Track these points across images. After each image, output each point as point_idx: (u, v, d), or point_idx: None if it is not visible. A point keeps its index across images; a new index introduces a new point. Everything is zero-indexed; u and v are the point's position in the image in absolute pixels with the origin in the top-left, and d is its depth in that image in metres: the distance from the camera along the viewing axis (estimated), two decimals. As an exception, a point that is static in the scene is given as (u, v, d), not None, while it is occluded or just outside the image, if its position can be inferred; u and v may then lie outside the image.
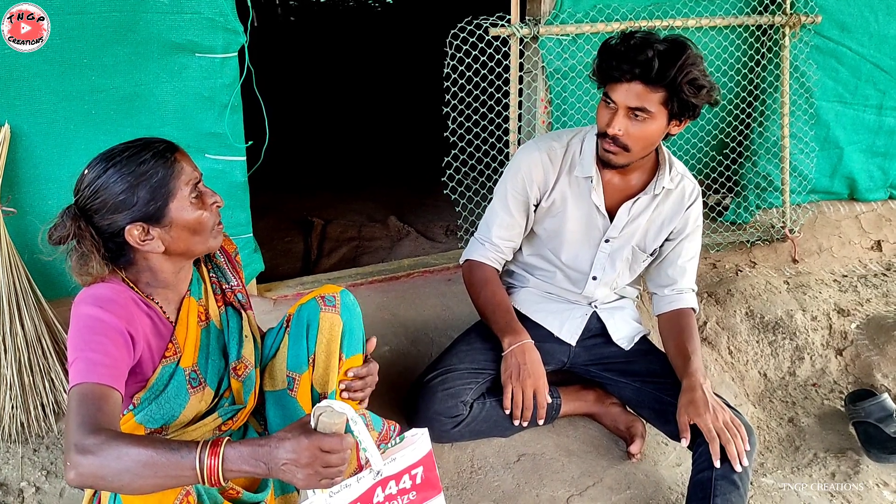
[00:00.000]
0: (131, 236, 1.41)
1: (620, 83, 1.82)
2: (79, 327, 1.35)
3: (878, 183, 3.38)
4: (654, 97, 1.80)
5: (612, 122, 1.85)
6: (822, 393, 2.49)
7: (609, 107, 1.87)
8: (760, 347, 2.62)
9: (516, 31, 2.55)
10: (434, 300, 2.66)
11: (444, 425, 1.99)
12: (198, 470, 1.16)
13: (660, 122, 1.85)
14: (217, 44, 2.11)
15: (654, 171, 2.05)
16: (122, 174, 1.40)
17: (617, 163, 1.93)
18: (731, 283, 2.86)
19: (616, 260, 2.12)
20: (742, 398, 2.41)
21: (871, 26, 3.01)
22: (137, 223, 1.40)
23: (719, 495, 1.77)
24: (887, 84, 3.15)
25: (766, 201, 3.19)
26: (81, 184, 1.42)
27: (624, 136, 1.86)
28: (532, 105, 2.78)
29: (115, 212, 1.40)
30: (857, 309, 2.81)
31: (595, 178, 2.02)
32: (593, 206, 2.05)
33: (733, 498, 1.78)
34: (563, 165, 2.06)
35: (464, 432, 2.03)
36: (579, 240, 2.10)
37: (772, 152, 3.08)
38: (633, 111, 1.83)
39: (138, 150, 1.42)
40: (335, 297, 1.68)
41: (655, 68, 1.76)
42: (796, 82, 2.99)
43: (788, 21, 2.84)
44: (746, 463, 1.80)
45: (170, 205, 1.42)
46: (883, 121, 3.24)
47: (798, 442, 2.27)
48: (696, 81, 1.79)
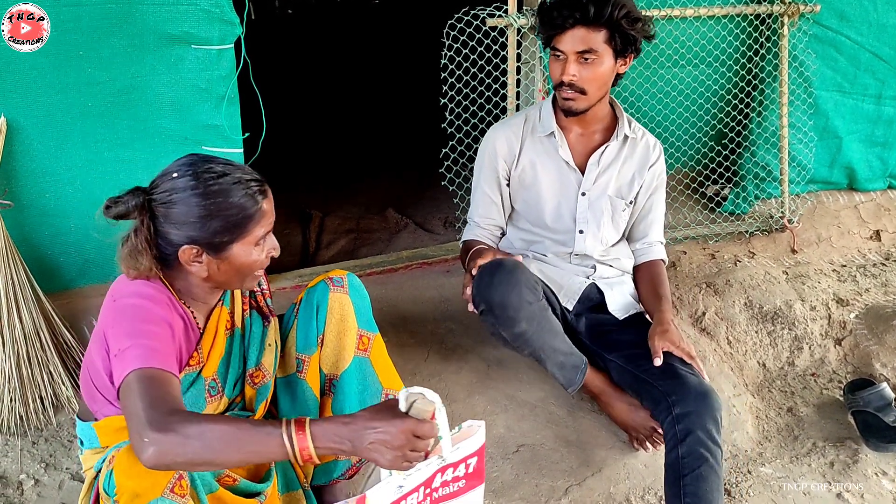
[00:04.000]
0: (183, 253, 1.39)
1: (564, 32, 1.97)
2: (129, 316, 1.34)
3: (878, 173, 3.37)
4: (597, 37, 1.95)
5: (565, 70, 1.99)
6: (820, 382, 2.49)
7: (559, 59, 2.01)
8: (759, 338, 2.62)
9: (513, 22, 2.54)
10: (433, 292, 2.66)
11: (526, 296, 1.93)
12: (288, 447, 1.18)
13: (608, 61, 1.99)
14: (213, 35, 2.11)
15: (614, 124, 2.18)
16: (207, 201, 1.37)
17: (577, 108, 2.05)
18: (730, 274, 2.85)
19: (596, 211, 2.18)
20: (741, 388, 2.41)
21: (871, 15, 3.00)
22: (196, 246, 1.39)
23: (688, 472, 1.79)
24: (886, 73, 3.14)
25: (764, 191, 3.19)
26: (163, 183, 1.39)
27: (578, 80, 2.00)
28: (530, 95, 2.78)
29: (182, 228, 1.38)
30: (856, 299, 2.81)
31: (557, 134, 2.15)
32: (562, 162, 2.16)
33: (703, 470, 1.78)
34: (525, 133, 2.18)
35: (535, 317, 1.95)
36: (557, 199, 2.19)
37: (770, 142, 3.07)
38: (582, 55, 1.97)
39: (232, 185, 1.39)
40: (342, 278, 1.70)
41: (592, 9, 1.92)
42: (795, 72, 2.98)
43: (787, 10, 2.83)
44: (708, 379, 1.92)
45: (235, 244, 1.41)
46: (882, 110, 3.23)
47: (797, 431, 2.27)
48: (630, 14, 1.95)
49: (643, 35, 2.01)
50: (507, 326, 1.95)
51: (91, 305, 2.29)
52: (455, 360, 2.33)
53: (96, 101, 2.10)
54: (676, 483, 1.80)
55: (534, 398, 2.23)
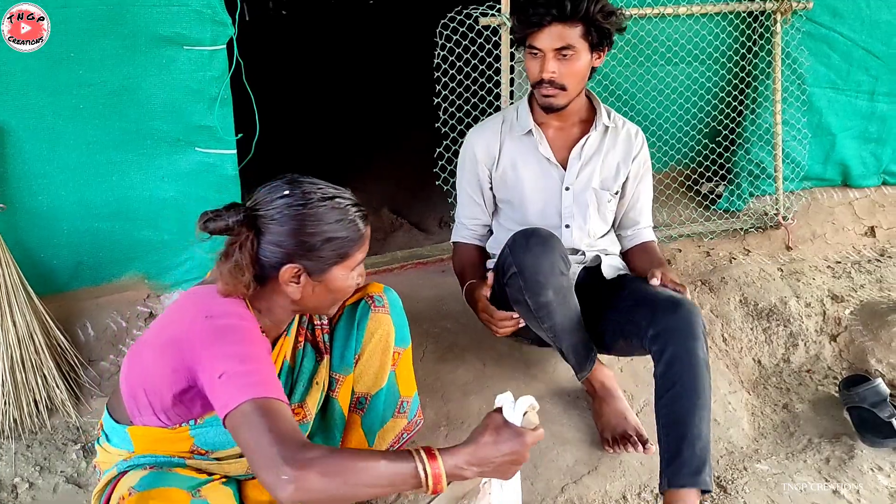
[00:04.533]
0: (284, 273, 1.38)
1: (541, 29, 1.96)
2: (233, 339, 1.30)
3: (871, 169, 3.38)
4: (574, 33, 1.96)
5: (544, 67, 1.99)
6: (816, 379, 2.49)
7: (536, 56, 2.01)
8: (754, 335, 2.62)
9: (506, 21, 2.54)
10: (428, 291, 2.66)
11: (559, 264, 1.90)
12: (423, 478, 1.20)
13: (585, 56, 2.00)
14: (205, 36, 2.10)
15: (592, 116, 2.18)
16: (317, 223, 1.37)
17: (558, 104, 2.06)
18: (725, 271, 2.86)
19: (581, 205, 2.17)
20: (736, 385, 2.41)
21: (863, 12, 3.01)
22: (297, 266, 1.38)
23: (662, 395, 1.81)
24: (879, 69, 3.15)
25: (759, 189, 3.19)
26: (269, 200, 1.37)
27: (558, 76, 2.00)
28: (523, 94, 2.77)
29: (287, 247, 1.37)
30: (850, 295, 2.81)
31: (535, 131, 2.14)
32: (543, 159, 2.16)
33: (676, 390, 1.78)
34: (503, 133, 2.18)
35: (562, 290, 1.92)
36: (541, 196, 2.18)
37: (764, 139, 3.07)
38: (560, 52, 1.97)
39: (341, 209, 1.40)
40: (382, 297, 1.71)
41: (569, 6, 1.92)
42: (788, 69, 2.98)
43: (780, 7, 2.83)
44: None
45: (335, 267, 1.42)
46: (875, 107, 3.23)
47: (793, 428, 2.27)
48: (605, 8, 1.97)
49: (616, 28, 2.03)
50: (533, 293, 1.89)
51: (85, 308, 2.28)
52: (451, 359, 2.32)
53: (88, 104, 2.09)
54: (657, 408, 1.83)
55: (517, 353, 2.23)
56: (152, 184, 2.24)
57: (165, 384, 1.37)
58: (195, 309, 1.36)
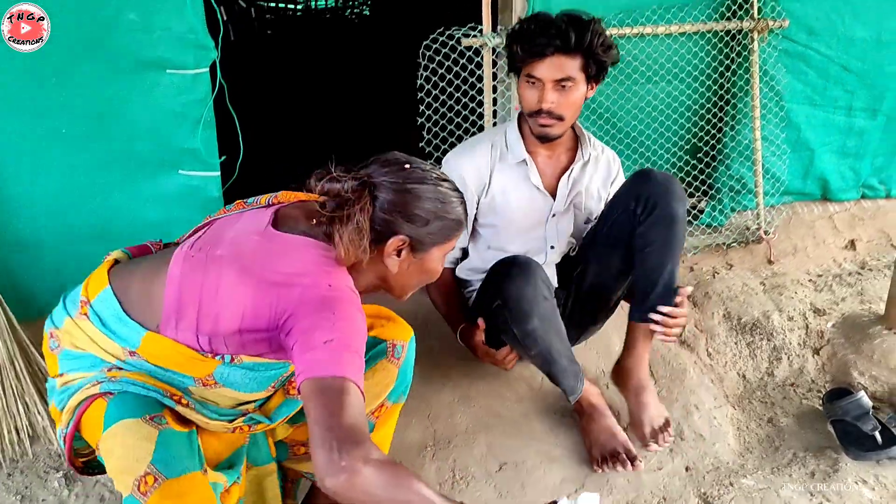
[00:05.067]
0: (391, 245, 1.40)
1: (543, 59, 1.97)
2: (352, 316, 1.29)
3: (850, 183, 3.42)
4: (574, 64, 1.98)
5: (544, 97, 2.01)
6: (800, 392, 2.51)
7: (534, 85, 2.02)
8: (739, 349, 2.64)
9: (489, 41, 2.56)
10: (413, 311, 2.64)
11: (542, 290, 1.96)
12: None
13: (582, 87, 2.03)
14: (188, 59, 2.11)
15: (576, 144, 2.22)
16: (437, 199, 1.41)
17: (554, 134, 2.08)
18: (709, 286, 2.88)
19: (565, 229, 2.25)
20: (721, 400, 2.42)
21: (838, 29, 3.05)
22: (404, 238, 1.39)
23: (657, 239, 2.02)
24: (855, 85, 3.19)
25: (740, 203, 3.22)
26: (391, 171, 1.39)
27: (556, 107, 2.02)
28: (506, 114, 2.79)
29: (403, 216, 1.38)
30: (832, 308, 2.84)
31: (529, 161, 2.15)
32: (533, 187, 2.18)
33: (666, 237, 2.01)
34: (494, 160, 2.17)
35: (547, 316, 1.98)
36: (528, 223, 2.21)
37: (744, 155, 3.11)
38: (559, 82, 1.99)
39: (454, 191, 1.46)
40: (404, 348, 1.70)
41: (573, 38, 1.94)
42: (766, 86, 3.02)
43: (756, 26, 2.87)
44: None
45: (435, 248, 1.45)
46: (853, 122, 3.28)
47: (777, 442, 2.29)
48: (605, 42, 2.00)
49: (612, 61, 2.06)
50: (519, 321, 1.95)
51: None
52: (436, 378, 2.32)
53: (70, 127, 2.09)
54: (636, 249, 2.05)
55: (516, 414, 2.23)
56: (136, 206, 2.24)
57: (236, 314, 1.33)
58: (318, 270, 1.33)
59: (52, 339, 1.47)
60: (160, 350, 1.37)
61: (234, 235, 1.41)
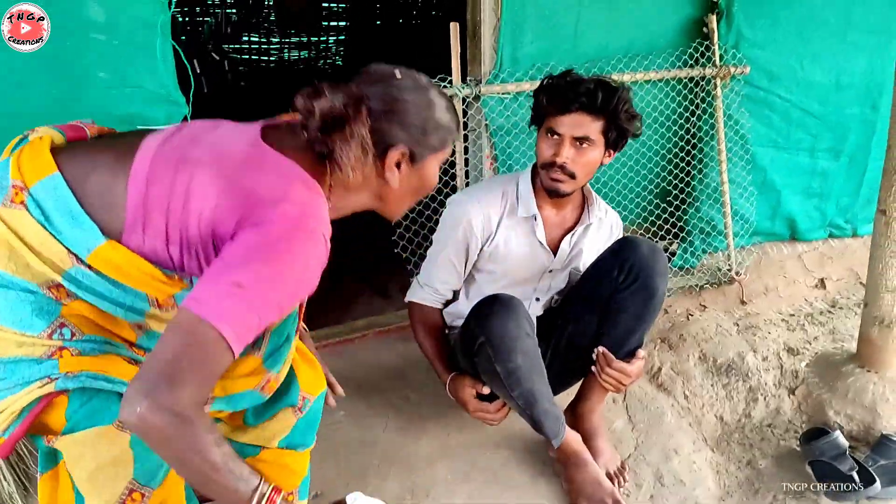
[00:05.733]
0: (392, 157, 1.35)
1: (566, 115, 1.99)
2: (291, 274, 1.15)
3: (817, 223, 3.49)
4: (596, 126, 1.99)
5: (560, 152, 2.01)
6: (777, 433, 2.51)
7: (552, 139, 2.04)
8: (715, 391, 2.65)
9: (458, 92, 2.60)
10: (390, 360, 2.64)
11: (525, 327, 1.97)
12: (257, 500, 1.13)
13: (599, 150, 2.04)
14: (160, 115, 2.11)
15: (583, 205, 2.24)
16: (431, 105, 1.37)
17: (564, 191, 2.08)
18: (683, 328, 2.90)
19: (557, 283, 2.27)
20: (700, 443, 2.42)
21: (797, 74, 3.15)
22: (406, 150, 1.35)
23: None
24: (818, 128, 3.28)
25: (711, 245, 3.27)
26: (381, 80, 1.35)
27: (571, 164, 2.02)
28: (478, 161, 2.83)
29: (400, 126, 1.34)
30: (805, 347, 2.86)
31: (538, 217, 2.15)
32: (537, 242, 2.18)
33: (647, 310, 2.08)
34: (503, 211, 2.17)
35: (530, 353, 1.98)
36: (524, 275, 2.22)
37: (713, 198, 3.16)
38: (578, 140, 2.00)
39: (448, 97, 1.45)
40: (310, 401, 1.61)
41: (600, 98, 1.96)
42: (731, 130, 3.09)
43: (719, 73, 2.95)
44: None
45: (432, 156, 1.42)
46: (816, 163, 3.36)
47: (757, 485, 2.28)
48: (630, 111, 2.02)
49: (633, 133, 2.07)
50: (502, 359, 1.94)
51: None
52: (414, 429, 2.30)
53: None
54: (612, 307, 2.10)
55: (496, 464, 2.21)
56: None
57: (207, 220, 1.18)
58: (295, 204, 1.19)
59: None
60: (119, 262, 1.19)
61: (215, 140, 1.28)
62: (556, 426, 2.05)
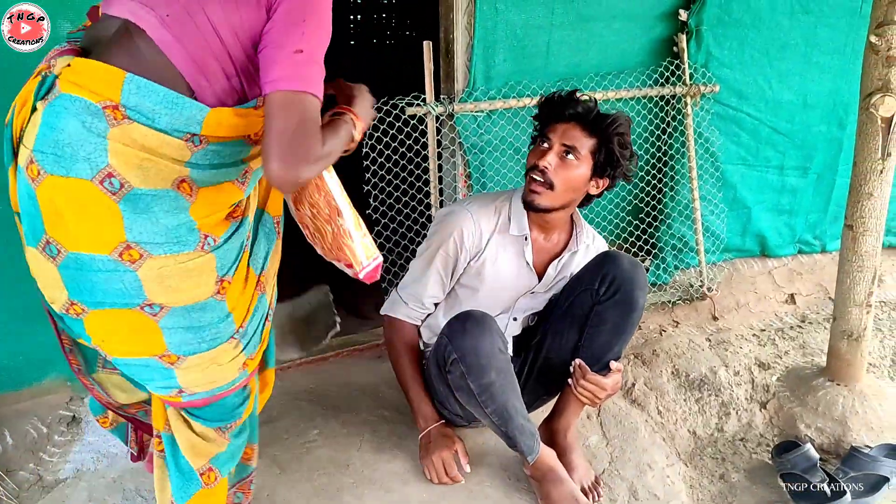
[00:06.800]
0: None
1: (560, 122, 2.03)
2: (322, 23, 1.31)
3: (787, 239, 3.54)
4: (586, 142, 2.01)
5: (545, 157, 2.02)
6: (749, 447, 2.54)
7: (541, 147, 2.05)
8: (688, 405, 2.67)
9: (432, 110, 2.62)
10: (364, 379, 2.63)
11: (497, 343, 1.96)
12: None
13: (584, 171, 2.03)
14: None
15: (571, 231, 2.23)
16: None
17: (540, 203, 2.05)
18: (656, 344, 2.92)
19: (536, 304, 2.26)
20: (674, 458, 2.43)
21: (766, 93, 3.21)
22: None
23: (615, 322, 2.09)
24: (786, 146, 3.34)
25: (683, 262, 3.30)
26: None
27: (552, 171, 2.01)
28: (452, 179, 2.84)
29: None
30: (776, 361, 2.90)
31: (529, 237, 2.14)
32: (525, 263, 2.17)
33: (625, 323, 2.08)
34: (495, 227, 2.15)
35: (503, 370, 1.97)
36: (507, 294, 2.21)
37: (685, 215, 3.20)
38: (565, 149, 2.01)
39: None
40: None
41: (594, 112, 2.02)
42: (701, 147, 3.14)
43: (689, 91, 3.00)
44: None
45: None
46: (785, 180, 3.41)
47: (730, 498, 2.30)
48: (624, 137, 2.03)
49: (625, 167, 2.06)
50: (476, 376, 1.93)
51: (3, 415, 2.18)
52: (389, 448, 2.28)
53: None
54: (592, 326, 2.11)
55: (471, 482, 2.20)
56: (76, 282, 2.19)
57: (240, 39, 1.30)
58: None
59: (108, 180, 1.25)
60: (226, 118, 1.32)
61: None
62: (530, 442, 2.04)
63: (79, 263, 1.29)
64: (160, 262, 1.30)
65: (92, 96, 1.24)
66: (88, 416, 2.25)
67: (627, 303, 2.07)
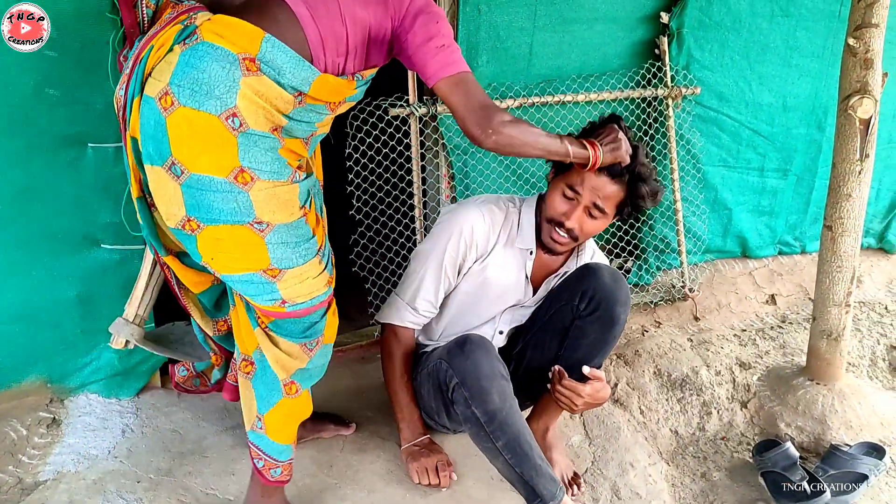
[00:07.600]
0: None
1: (592, 178, 1.95)
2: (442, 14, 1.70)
3: (767, 240, 3.57)
4: (615, 196, 1.98)
5: (572, 216, 1.99)
6: (731, 446, 2.56)
7: (568, 199, 2.00)
8: (670, 405, 2.68)
9: (415, 111, 2.62)
10: (348, 381, 2.63)
11: (498, 367, 1.94)
12: (570, 152, 1.84)
13: (607, 222, 2.05)
14: (110, 133, 2.08)
15: (572, 251, 2.21)
16: None
17: (559, 251, 2.10)
18: (639, 344, 2.94)
19: (520, 317, 2.24)
20: (656, 457, 2.45)
21: (746, 95, 3.23)
22: None
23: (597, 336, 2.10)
24: (766, 148, 3.37)
25: (665, 262, 3.32)
26: None
27: (578, 230, 2.01)
28: (435, 181, 2.84)
29: None
30: (757, 361, 2.92)
31: (534, 253, 2.13)
32: (524, 276, 2.15)
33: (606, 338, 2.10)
34: (502, 234, 2.12)
35: (507, 396, 1.92)
36: (498, 302, 2.18)
37: (667, 216, 3.22)
38: (594, 207, 1.98)
39: None
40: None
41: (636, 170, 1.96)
42: (683, 149, 3.16)
43: (670, 93, 3.02)
44: None
45: None
46: (765, 182, 3.45)
47: (712, 497, 2.32)
48: (653, 186, 2.02)
49: (646, 206, 2.04)
50: (479, 400, 1.87)
51: None
52: (371, 448, 2.29)
53: (-12, 204, 2.03)
54: (572, 338, 2.12)
55: (455, 483, 2.20)
56: (57, 283, 2.17)
57: (363, 29, 1.64)
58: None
59: (232, 118, 1.50)
60: (329, 84, 1.61)
61: None
62: (552, 488, 1.88)
63: (201, 184, 1.51)
64: (266, 185, 1.54)
65: (232, 47, 1.49)
66: (69, 417, 2.24)
67: (608, 319, 2.06)
